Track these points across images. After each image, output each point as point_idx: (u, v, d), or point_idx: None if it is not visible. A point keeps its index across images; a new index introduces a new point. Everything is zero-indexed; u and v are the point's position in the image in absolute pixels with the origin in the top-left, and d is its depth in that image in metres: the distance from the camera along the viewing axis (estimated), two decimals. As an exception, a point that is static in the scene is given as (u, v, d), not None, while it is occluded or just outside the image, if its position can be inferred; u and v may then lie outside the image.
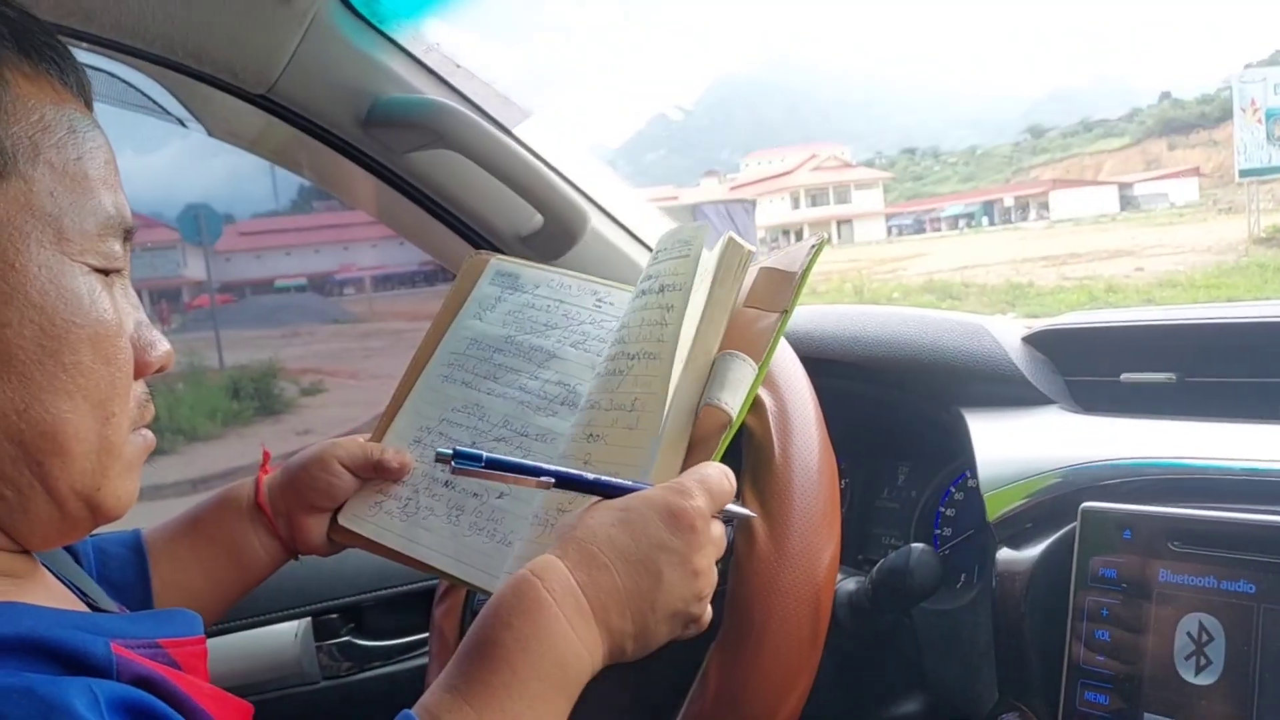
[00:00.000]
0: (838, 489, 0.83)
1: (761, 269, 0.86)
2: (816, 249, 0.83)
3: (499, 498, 0.88)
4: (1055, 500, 0.83)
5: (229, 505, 0.92)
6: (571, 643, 0.65)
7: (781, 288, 0.83)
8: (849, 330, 1.14)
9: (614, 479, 0.73)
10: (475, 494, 0.89)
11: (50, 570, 0.68)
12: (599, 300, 0.98)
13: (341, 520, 0.92)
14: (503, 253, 1.40)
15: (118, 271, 0.62)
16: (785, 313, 0.81)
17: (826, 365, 1.03)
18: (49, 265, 0.57)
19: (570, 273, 1.02)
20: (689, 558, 0.69)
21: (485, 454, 0.71)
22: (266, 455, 0.95)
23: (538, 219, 1.37)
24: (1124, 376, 0.98)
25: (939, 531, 1.06)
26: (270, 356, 12.51)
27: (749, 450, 0.81)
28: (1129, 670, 0.73)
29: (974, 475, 0.91)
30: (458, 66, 1.29)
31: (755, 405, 0.82)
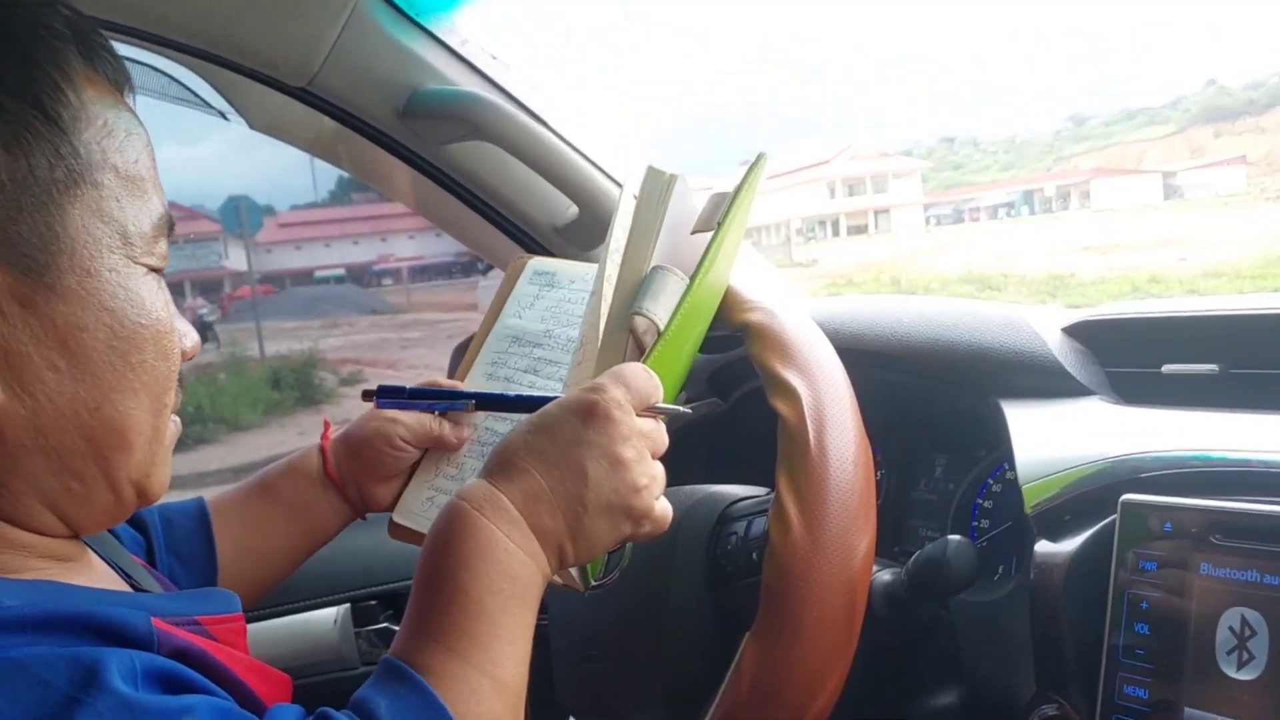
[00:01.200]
0: (873, 480, 0.83)
1: (711, 194, 0.86)
2: (755, 163, 0.83)
3: None
4: (1095, 492, 0.83)
5: (299, 471, 0.95)
6: (512, 552, 0.65)
7: (720, 206, 0.83)
8: (886, 321, 1.13)
9: (531, 392, 0.73)
10: None
11: (95, 552, 0.69)
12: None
13: (396, 518, 0.94)
14: (537, 242, 1.41)
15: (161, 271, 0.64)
16: (719, 225, 0.81)
17: (863, 356, 1.02)
18: (118, 269, 0.59)
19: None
20: (610, 449, 0.68)
21: (407, 386, 0.74)
22: (327, 425, 0.99)
23: (573, 209, 1.37)
24: (1166, 368, 0.97)
25: (976, 524, 1.05)
26: (310, 347, 12.64)
27: (784, 440, 0.81)
28: (1169, 664, 0.73)
29: (1012, 467, 0.90)
30: (494, 58, 1.29)
31: (790, 395, 0.82)
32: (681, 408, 0.78)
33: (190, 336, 0.67)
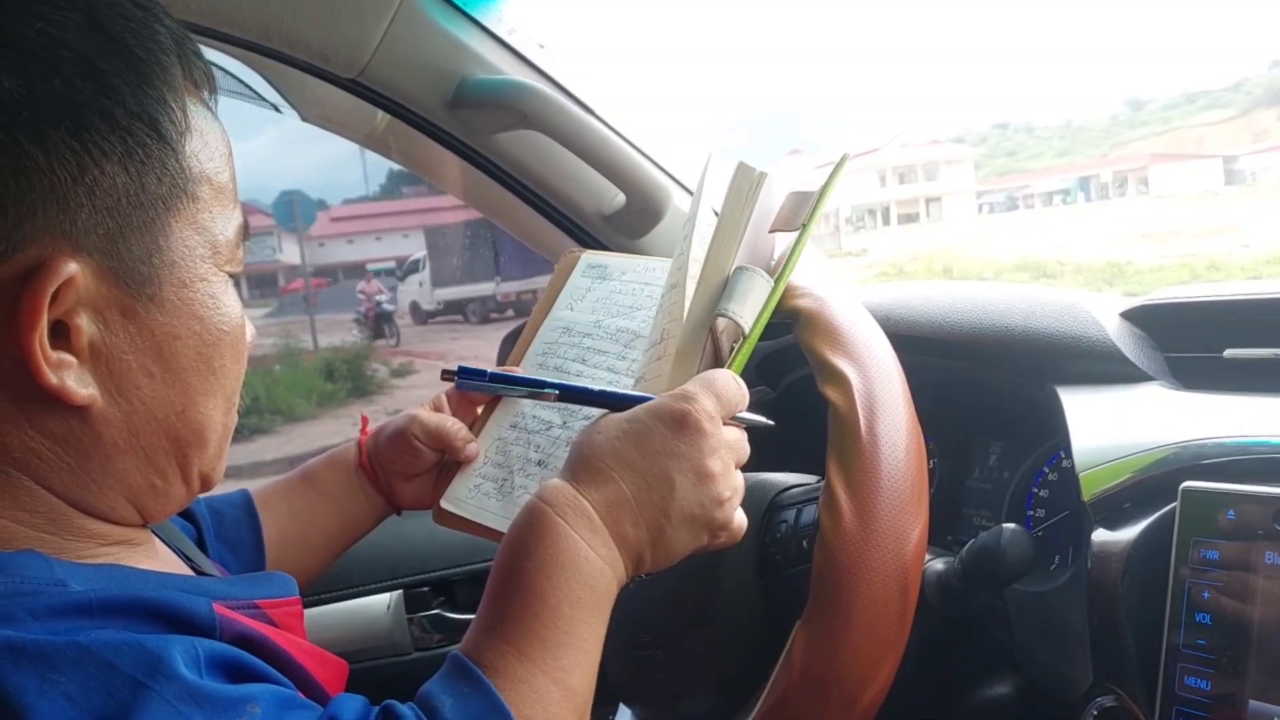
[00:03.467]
0: (925, 467, 0.82)
1: (789, 193, 0.85)
2: (838, 164, 0.82)
3: None
4: (1154, 480, 0.81)
5: (338, 463, 0.97)
6: (592, 560, 0.64)
7: (802, 206, 0.82)
8: (938, 307, 1.11)
9: (618, 390, 0.73)
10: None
11: (159, 537, 0.71)
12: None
13: (442, 504, 0.94)
14: (585, 231, 1.41)
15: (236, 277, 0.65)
16: (804, 227, 0.80)
17: (915, 343, 1.01)
18: (208, 279, 0.60)
19: (657, 257, 1.03)
20: (699, 461, 0.68)
21: (489, 370, 0.73)
22: (365, 420, 1.00)
23: (621, 198, 1.37)
24: (1227, 353, 0.94)
25: (1032, 513, 1.04)
26: (357, 339, 12.79)
27: (834, 427, 0.81)
28: (1232, 655, 0.71)
29: (1069, 455, 0.89)
30: (541, 46, 1.30)
31: (840, 381, 0.81)
32: (764, 419, 0.77)
33: (249, 330, 0.68)
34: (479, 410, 0.98)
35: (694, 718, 0.96)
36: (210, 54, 1.17)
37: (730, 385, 0.72)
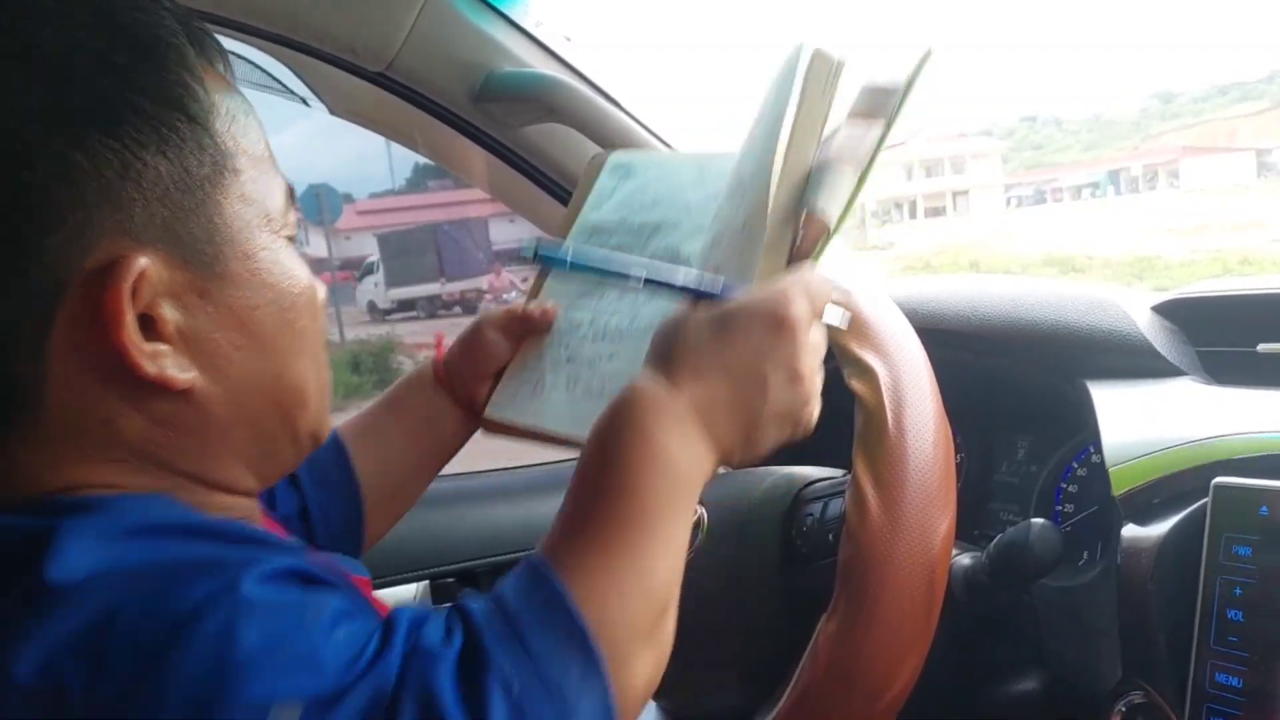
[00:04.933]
0: (953, 461, 0.82)
1: (863, 87, 0.83)
2: (923, 58, 0.79)
3: (609, 360, 0.90)
4: (1185, 475, 0.80)
5: (416, 381, 0.99)
6: (680, 459, 0.62)
7: (885, 98, 0.78)
8: (966, 300, 1.11)
9: (706, 281, 0.69)
10: (590, 364, 0.91)
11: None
12: (701, 169, 0.98)
13: (488, 413, 0.96)
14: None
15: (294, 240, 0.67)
16: (888, 122, 0.76)
17: (943, 336, 1.01)
18: (269, 246, 0.62)
19: (685, 153, 1.03)
20: (793, 362, 0.65)
21: (569, 256, 0.69)
22: (440, 336, 1.01)
23: (647, 191, 1.37)
24: (1261, 347, 0.93)
25: (1060, 508, 1.03)
26: (388, 331, 12.84)
27: (862, 419, 0.80)
28: (1265, 652, 0.70)
29: (1098, 450, 0.88)
30: (567, 39, 1.30)
31: (867, 374, 0.81)
32: (840, 321, 0.72)
33: (321, 289, 0.70)
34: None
35: (718, 711, 0.96)
36: (239, 47, 1.19)
37: (823, 285, 0.69)
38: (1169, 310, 1.00)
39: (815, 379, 0.68)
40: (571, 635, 0.53)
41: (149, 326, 0.55)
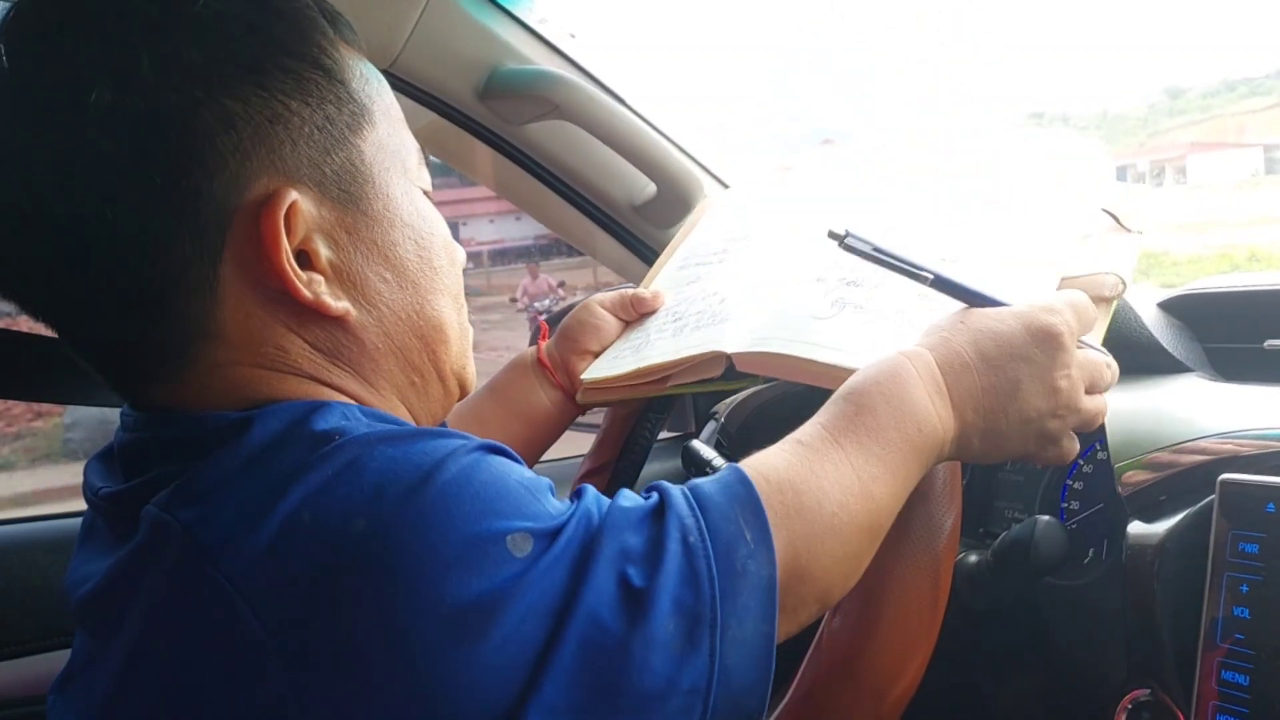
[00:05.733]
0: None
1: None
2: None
3: (717, 299, 0.94)
4: (1192, 472, 0.80)
5: (517, 367, 1.03)
6: (929, 411, 0.69)
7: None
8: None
9: (987, 292, 0.75)
10: (695, 317, 0.95)
11: None
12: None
13: (584, 375, 0.98)
14: (615, 221, 1.41)
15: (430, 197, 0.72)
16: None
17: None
18: (407, 192, 0.68)
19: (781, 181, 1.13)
20: (1049, 372, 0.70)
21: (873, 244, 0.74)
22: (544, 326, 1.07)
23: (652, 188, 1.37)
24: (1268, 343, 0.93)
25: (1065, 505, 1.03)
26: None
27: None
28: (1272, 650, 0.70)
29: (1104, 447, 0.88)
30: (572, 36, 1.30)
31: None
32: (1103, 352, 0.77)
33: (460, 251, 0.75)
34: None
35: (723, 708, 0.96)
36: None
37: (1089, 309, 0.75)
38: (1176, 306, 1.00)
39: (1073, 397, 0.72)
40: (754, 514, 0.60)
41: (305, 261, 0.61)
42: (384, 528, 0.51)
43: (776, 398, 1.32)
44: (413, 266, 0.67)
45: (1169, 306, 1.00)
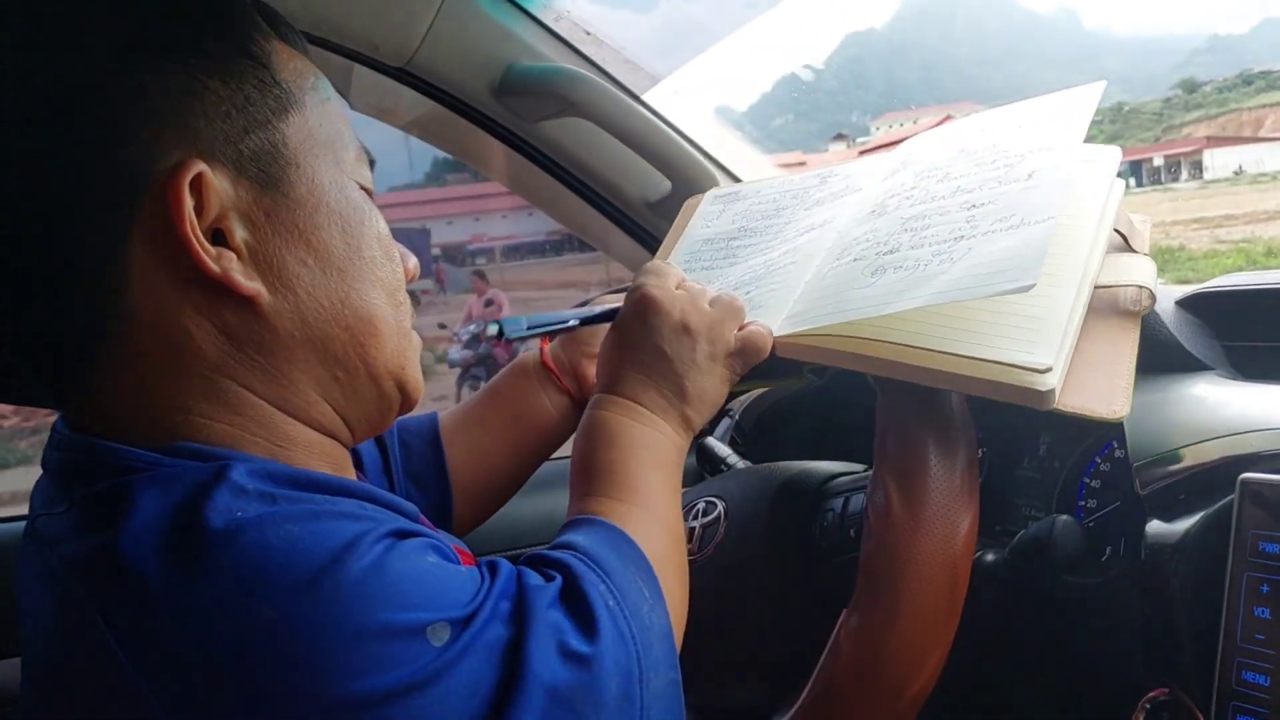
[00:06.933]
0: (976, 456, 0.81)
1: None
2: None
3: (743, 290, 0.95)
4: (1211, 471, 0.79)
5: (519, 371, 1.02)
6: (645, 432, 0.78)
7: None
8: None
9: (607, 307, 0.86)
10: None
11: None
12: (823, 178, 1.04)
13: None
14: (629, 218, 1.41)
15: (371, 194, 0.72)
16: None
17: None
18: (336, 181, 0.67)
19: (784, 177, 1.10)
20: (662, 322, 0.80)
21: (525, 321, 0.84)
22: (545, 341, 1.05)
23: (666, 185, 1.37)
24: (1288, 341, 0.92)
25: (1083, 503, 1.02)
26: (406, 325, 12.83)
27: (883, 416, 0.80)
28: (1292, 650, 0.69)
29: (1122, 445, 0.87)
30: (587, 34, 1.30)
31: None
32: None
33: (410, 259, 0.75)
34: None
35: (740, 705, 0.96)
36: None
37: (657, 264, 0.86)
38: (1194, 304, 0.99)
39: (701, 317, 0.81)
40: (643, 569, 0.67)
41: (220, 240, 0.61)
42: (290, 615, 0.50)
43: (790, 395, 1.32)
44: (338, 253, 0.66)
45: (1187, 304, 0.99)
